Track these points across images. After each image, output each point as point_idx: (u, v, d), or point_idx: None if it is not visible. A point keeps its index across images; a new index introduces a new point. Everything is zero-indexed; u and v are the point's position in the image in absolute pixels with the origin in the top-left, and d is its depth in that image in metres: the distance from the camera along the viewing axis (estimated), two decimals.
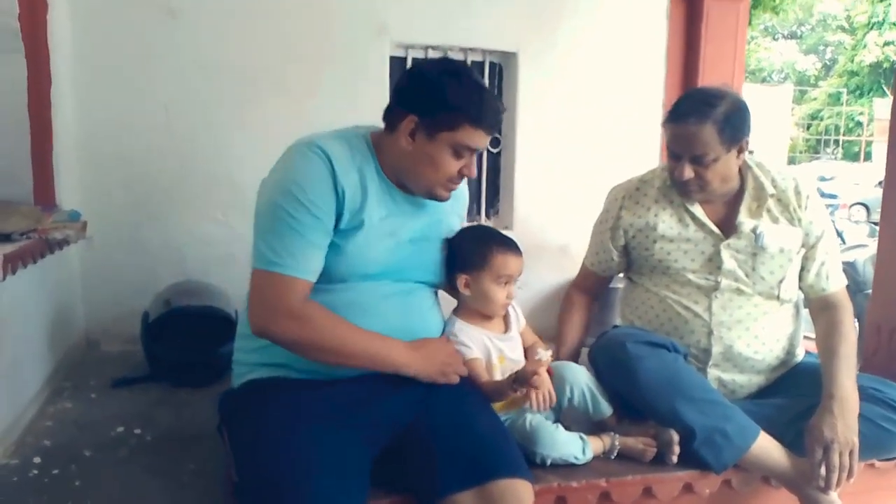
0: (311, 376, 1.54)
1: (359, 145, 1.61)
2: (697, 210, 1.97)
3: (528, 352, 1.85)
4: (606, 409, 1.83)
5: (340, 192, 1.51)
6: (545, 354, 1.70)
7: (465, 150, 1.56)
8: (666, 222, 2.00)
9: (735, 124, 1.83)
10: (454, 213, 1.81)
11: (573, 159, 3.16)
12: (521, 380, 1.60)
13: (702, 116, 1.80)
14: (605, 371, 1.90)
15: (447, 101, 1.52)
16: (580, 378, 1.81)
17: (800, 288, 2.00)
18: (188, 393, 2.24)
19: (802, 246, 1.95)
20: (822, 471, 1.71)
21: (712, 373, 1.94)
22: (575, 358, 2.05)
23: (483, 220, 3.26)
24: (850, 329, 1.91)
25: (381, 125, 1.64)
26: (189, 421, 2.06)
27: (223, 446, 1.58)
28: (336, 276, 1.54)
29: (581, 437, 1.77)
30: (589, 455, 1.77)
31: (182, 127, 2.67)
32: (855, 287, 4.57)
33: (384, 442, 1.51)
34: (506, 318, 1.83)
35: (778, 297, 1.94)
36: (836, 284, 1.98)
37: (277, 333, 1.47)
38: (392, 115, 1.60)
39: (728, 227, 1.96)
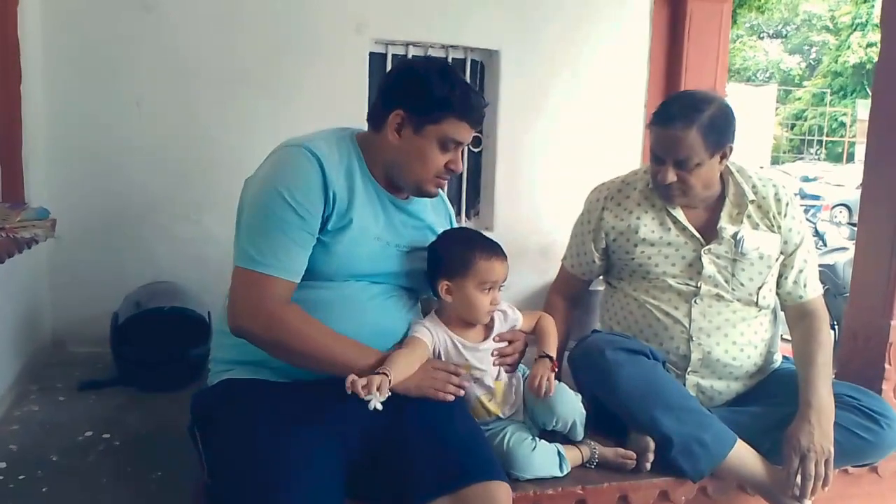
0: (288, 378, 1.53)
1: (346, 147, 1.62)
2: (679, 214, 1.96)
3: (539, 341, 1.80)
4: (580, 436, 1.80)
5: (331, 194, 1.52)
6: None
7: (451, 144, 1.59)
8: (648, 226, 1.99)
9: (720, 130, 1.83)
10: (442, 223, 1.82)
11: (555, 159, 3.13)
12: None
13: (688, 121, 1.80)
14: (583, 377, 1.90)
15: (433, 94, 1.55)
16: (570, 411, 1.74)
17: (777, 294, 1.99)
18: (157, 396, 2.18)
19: (781, 253, 1.95)
20: (798, 479, 1.70)
21: (691, 379, 1.94)
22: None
23: (464, 221, 3.23)
24: (826, 337, 1.92)
25: (364, 127, 1.66)
26: (158, 425, 2.02)
27: (194, 447, 1.54)
28: (323, 275, 1.55)
29: (559, 453, 1.74)
30: (566, 470, 1.74)
31: (155, 124, 2.61)
32: (835, 290, 4.60)
33: (358, 445, 1.48)
34: (489, 324, 1.75)
35: (756, 304, 1.94)
36: (813, 292, 1.99)
37: (254, 332, 1.47)
38: (378, 112, 1.62)
39: (709, 232, 1.96)
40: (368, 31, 2.84)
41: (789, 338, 2.02)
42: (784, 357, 2.12)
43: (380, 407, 1.37)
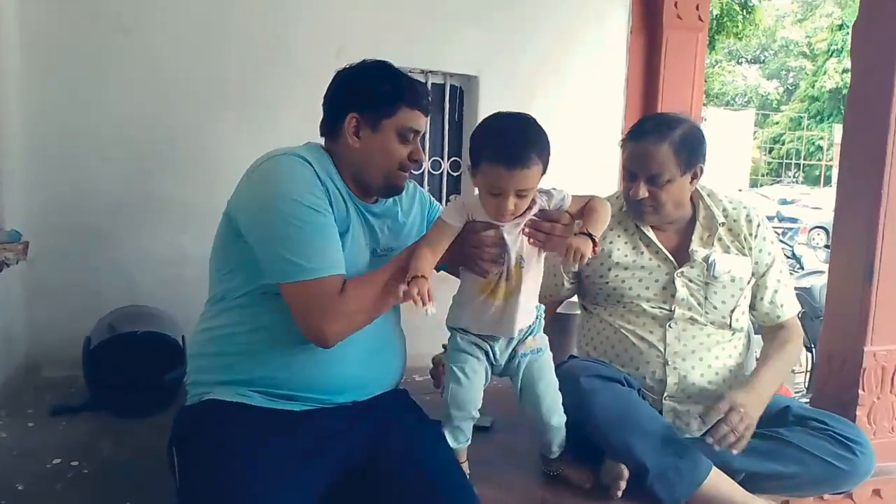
0: (271, 404, 1.52)
1: (322, 157, 1.62)
2: (652, 236, 1.98)
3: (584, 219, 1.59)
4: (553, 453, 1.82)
5: (330, 194, 1.54)
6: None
7: (409, 133, 1.62)
8: (621, 250, 2.00)
9: (691, 149, 1.88)
10: (417, 210, 1.84)
11: None
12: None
13: (660, 136, 1.86)
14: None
15: (381, 90, 1.60)
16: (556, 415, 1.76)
17: (753, 316, 2.01)
18: (130, 422, 2.15)
19: (753, 275, 1.97)
20: (723, 428, 1.71)
21: (667, 404, 1.93)
22: None
23: None
24: (794, 349, 1.98)
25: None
26: (130, 452, 1.98)
27: (170, 470, 1.51)
28: None
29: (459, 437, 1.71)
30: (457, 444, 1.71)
31: (133, 146, 2.60)
32: (812, 313, 4.63)
33: (336, 479, 1.47)
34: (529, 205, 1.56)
35: (730, 326, 1.96)
36: (789, 311, 2.02)
37: (336, 333, 1.48)
38: (331, 123, 1.65)
39: (681, 255, 1.98)
40: (347, 54, 2.82)
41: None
42: None
43: (433, 310, 1.41)
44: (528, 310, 1.66)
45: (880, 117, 2.16)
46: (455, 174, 3.21)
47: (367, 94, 1.60)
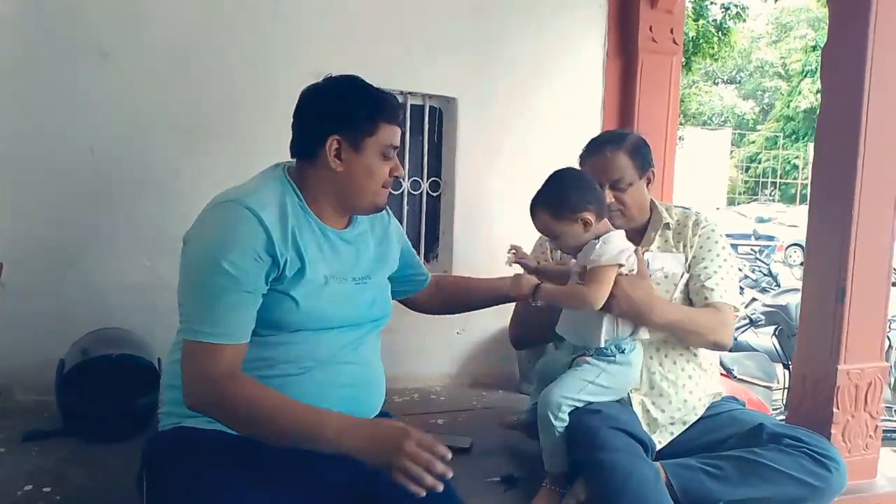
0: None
1: (284, 189, 1.58)
2: None
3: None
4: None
5: (278, 252, 1.48)
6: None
7: (389, 150, 1.61)
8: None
9: (643, 155, 2.07)
10: (390, 240, 1.83)
11: (511, 204, 3.16)
12: None
13: (616, 145, 2.05)
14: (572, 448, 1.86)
15: (360, 109, 1.57)
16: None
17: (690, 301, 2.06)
18: (103, 448, 2.11)
19: (690, 265, 2.06)
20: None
21: (636, 398, 1.98)
22: None
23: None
24: (710, 319, 1.97)
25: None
26: (103, 478, 1.94)
27: (138, 493, 1.49)
28: (289, 327, 1.52)
29: None
30: None
31: (108, 171, 2.57)
32: (788, 331, 4.69)
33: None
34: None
35: None
36: (719, 297, 2.01)
37: (196, 401, 1.42)
38: (307, 144, 1.60)
39: None
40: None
41: (740, 375, 2.08)
42: (732, 398, 2.17)
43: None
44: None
45: (850, 138, 2.21)
46: (434, 194, 3.22)
47: (347, 115, 1.56)
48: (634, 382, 1.94)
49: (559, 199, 1.86)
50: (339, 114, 1.57)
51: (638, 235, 2.11)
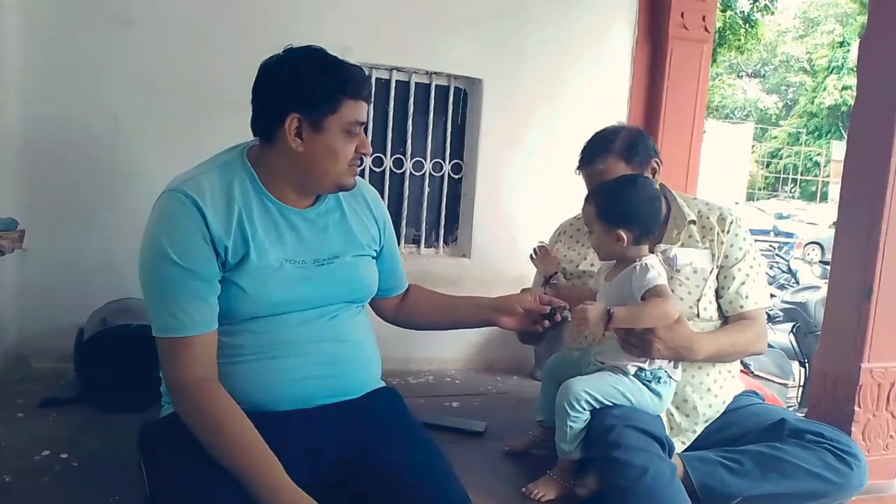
0: (248, 408, 1.44)
1: (234, 171, 1.52)
2: None
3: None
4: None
5: (216, 235, 1.43)
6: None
7: (354, 127, 1.51)
8: (588, 259, 2.12)
9: (637, 149, 2.00)
10: (368, 220, 1.71)
11: (533, 190, 3.14)
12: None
13: (604, 152, 1.98)
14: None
15: (320, 85, 1.47)
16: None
17: (719, 305, 2.02)
18: (120, 416, 2.12)
19: (721, 266, 2.01)
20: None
21: None
22: None
23: (441, 249, 3.22)
24: (747, 337, 1.98)
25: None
26: (117, 447, 1.94)
27: (140, 479, 1.49)
28: (243, 315, 1.48)
29: None
30: None
31: (130, 140, 2.57)
32: (806, 328, 4.65)
33: (311, 481, 1.40)
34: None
35: (698, 316, 1.98)
36: (753, 304, 2.01)
37: (181, 414, 1.43)
38: (268, 124, 1.51)
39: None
40: (351, 54, 2.81)
41: (753, 368, 2.05)
42: (753, 392, 2.15)
43: None
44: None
45: (884, 134, 2.16)
46: (456, 177, 3.20)
47: (306, 92, 1.47)
48: (660, 413, 1.89)
49: (610, 202, 1.80)
50: (297, 91, 1.47)
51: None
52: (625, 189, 1.81)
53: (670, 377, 1.84)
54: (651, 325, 1.74)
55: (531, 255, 2.10)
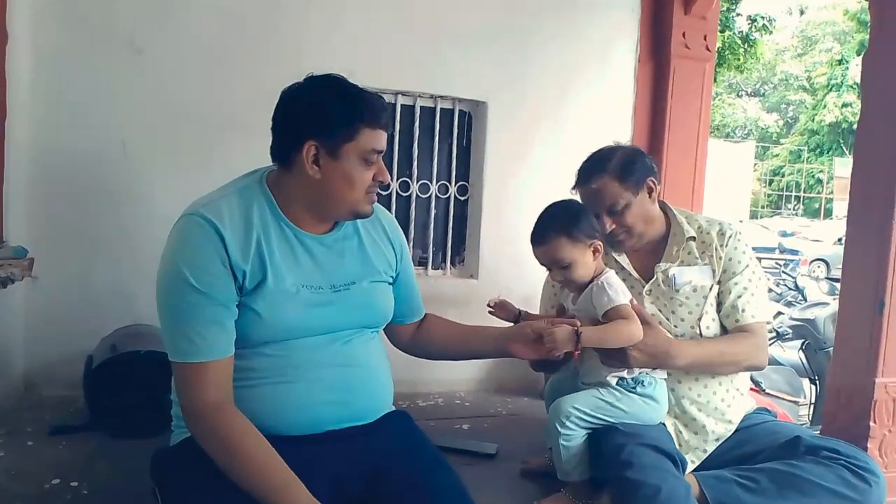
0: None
1: (253, 196, 1.53)
2: (623, 260, 2.06)
3: None
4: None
5: (235, 260, 1.43)
6: None
7: (372, 156, 1.51)
8: None
9: (633, 169, 1.98)
10: (385, 245, 1.71)
11: (539, 210, 3.13)
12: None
13: (599, 172, 1.98)
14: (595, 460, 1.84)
15: (338, 113, 1.48)
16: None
17: (719, 318, 2.01)
18: (130, 443, 2.11)
19: (719, 282, 2.00)
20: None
21: (668, 420, 1.94)
22: None
23: (448, 270, 3.22)
24: (744, 348, 1.95)
25: None
26: (128, 474, 1.94)
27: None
28: (258, 340, 1.47)
29: None
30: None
31: (140, 166, 2.59)
32: (815, 344, 4.62)
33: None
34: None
35: (700, 334, 1.97)
36: (751, 317, 1.99)
37: (197, 439, 1.42)
38: (286, 150, 1.52)
39: (649, 274, 2.04)
40: (357, 78, 2.84)
41: (767, 388, 2.02)
42: (764, 409, 2.13)
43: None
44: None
45: (891, 148, 2.16)
46: (462, 198, 3.21)
47: (324, 120, 1.47)
48: (661, 418, 1.89)
49: (577, 222, 1.81)
50: (315, 118, 1.48)
51: (657, 248, 2.06)
52: (571, 206, 1.89)
53: (654, 378, 1.84)
54: (618, 346, 1.76)
55: (489, 311, 1.98)
